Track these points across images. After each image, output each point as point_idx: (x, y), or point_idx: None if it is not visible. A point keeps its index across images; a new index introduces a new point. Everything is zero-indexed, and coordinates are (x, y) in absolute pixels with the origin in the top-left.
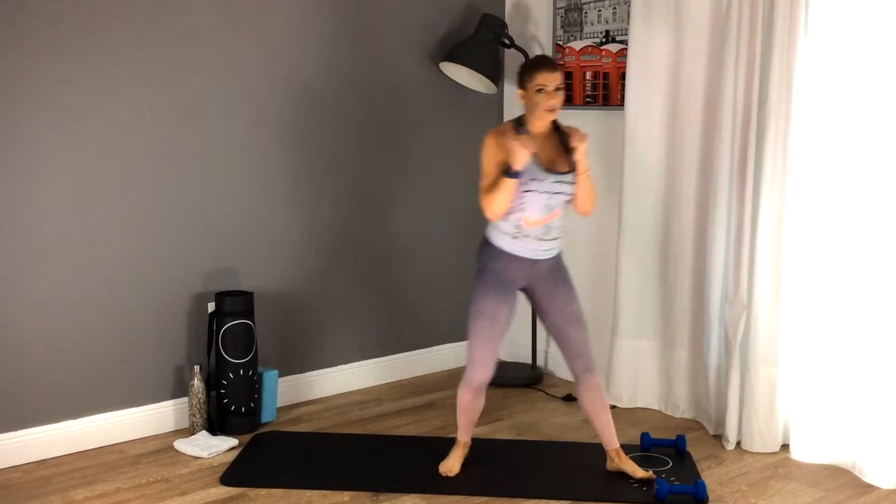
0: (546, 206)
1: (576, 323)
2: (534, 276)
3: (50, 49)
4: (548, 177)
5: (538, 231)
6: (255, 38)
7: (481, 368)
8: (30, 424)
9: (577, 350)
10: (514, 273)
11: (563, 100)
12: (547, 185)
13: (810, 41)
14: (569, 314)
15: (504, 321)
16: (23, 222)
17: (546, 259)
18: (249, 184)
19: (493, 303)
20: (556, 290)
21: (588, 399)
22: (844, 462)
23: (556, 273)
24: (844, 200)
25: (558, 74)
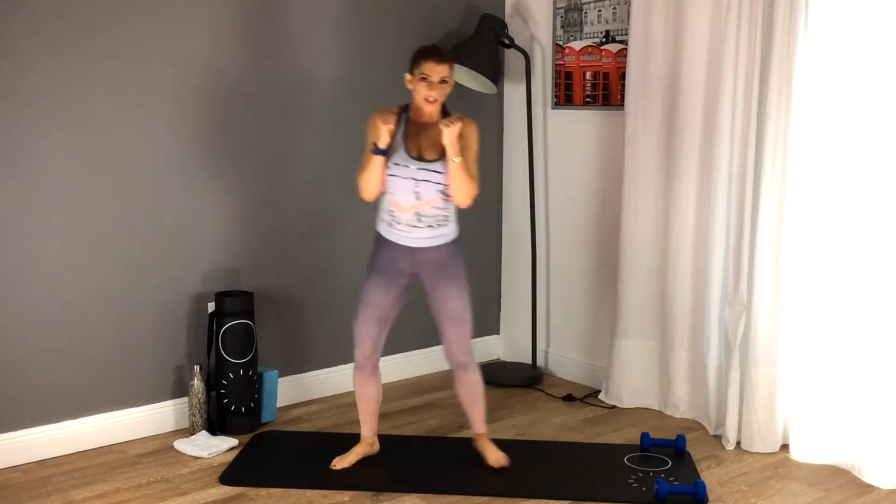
0: (413, 193)
1: (452, 320)
2: (418, 265)
3: (50, 49)
4: (412, 163)
5: (409, 217)
6: (264, 36)
7: (360, 348)
8: (30, 424)
9: (452, 347)
10: (397, 260)
11: (445, 92)
12: (411, 171)
13: (810, 41)
14: (448, 310)
15: (384, 305)
16: (23, 222)
17: (427, 248)
18: (249, 184)
19: (371, 288)
20: (438, 284)
21: (462, 391)
22: (844, 462)
23: (441, 266)
24: (844, 200)
25: (445, 67)
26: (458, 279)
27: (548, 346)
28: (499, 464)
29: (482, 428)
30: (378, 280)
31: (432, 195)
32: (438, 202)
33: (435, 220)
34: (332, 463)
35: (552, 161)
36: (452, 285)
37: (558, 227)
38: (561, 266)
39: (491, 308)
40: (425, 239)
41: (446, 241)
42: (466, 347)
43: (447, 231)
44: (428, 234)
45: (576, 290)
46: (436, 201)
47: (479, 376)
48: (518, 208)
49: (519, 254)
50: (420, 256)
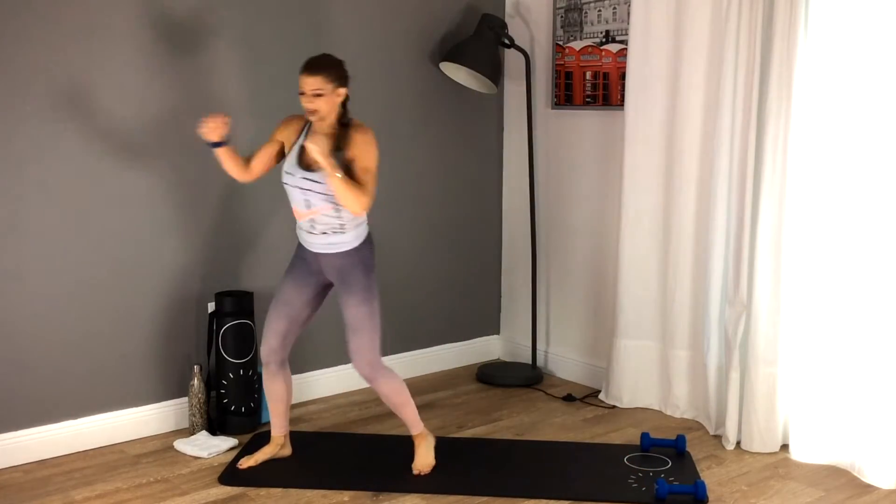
0: (304, 201)
1: (349, 329)
2: (324, 270)
3: (52, 49)
4: (299, 171)
5: (305, 223)
6: (262, 36)
7: (265, 342)
8: (30, 424)
9: (351, 356)
10: (309, 261)
11: (325, 103)
12: (297, 180)
13: (810, 41)
14: (346, 319)
15: (295, 303)
16: (22, 222)
17: (327, 254)
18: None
19: (282, 284)
20: (340, 291)
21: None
22: (844, 462)
23: (341, 273)
24: (844, 201)
25: (315, 78)
26: (357, 287)
27: (548, 346)
28: (417, 470)
29: (417, 429)
30: (291, 278)
31: (320, 204)
32: (328, 210)
33: (329, 227)
34: (239, 462)
35: (552, 161)
36: (349, 294)
37: (558, 227)
38: (561, 266)
39: (491, 308)
40: (322, 245)
41: (344, 248)
42: (366, 358)
43: (345, 239)
44: (323, 241)
45: (576, 290)
46: (325, 209)
47: (391, 385)
48: (518, 208)
49: (519, 254)
50: (323, 262)
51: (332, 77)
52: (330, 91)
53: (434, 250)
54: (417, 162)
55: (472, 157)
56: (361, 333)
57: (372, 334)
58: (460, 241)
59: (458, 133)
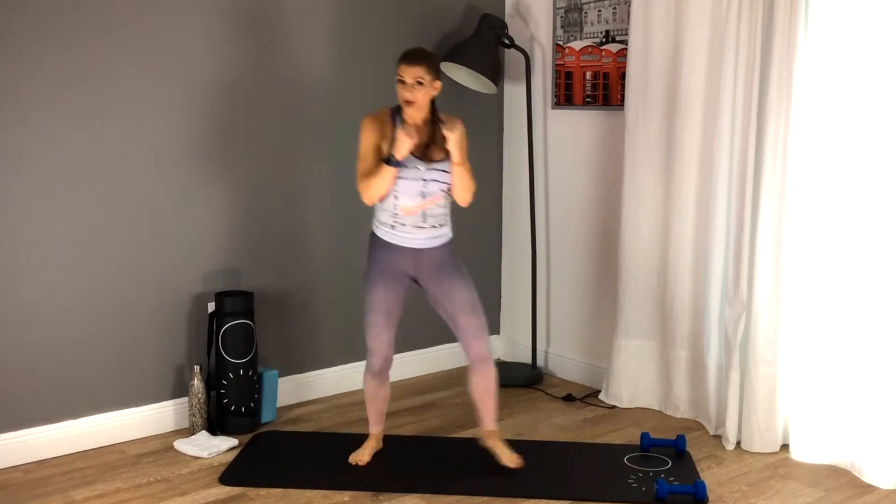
0: (420, 193)
1: (466, 311)
2: (420, 266)
3: (49, 50)
4: (420, 164)
5: (415, 219)
6: (260, 37)
7: (376, 357)
8: (30, 424)
9: (468, 338)
10: (399, 262)
11: (424, 94)
12: (421, 172)
13: (810, 41)
14: (457, 301)
15: (395, 310)
16: (22, 222)
17: (430, 248)
18: (249, 183)
19: (380, 294)
20: (444, 277)
21: (477, 385)
22: (844, 462)
23: (444, 261)
24: (844, 201)
25: (418, 68)
26: (463, 272)
27: (548, 346)
28: (515, 463)
29: (493, 425)
30: (384, 285)
31: (436, 193)
32: (440, 200)
33: (437, 219)
34: (355, 460)
35: (552, 161)
36: (458, 278)
37: (558, 227)
38: (561, 266)
39: (491, 308)
40: (429, 239)
41: (446, 240)
42: (485, 337)
43: (446, 231)
44: (432, 235)
45: (576, 290)
46: (439, 199)
47: (495, 370)
48: (518, 208)
49: (519, 254)
50: (423, 257)
51: (431, 68)
52: (429, 82)
53: None
54: None
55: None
56: (478, 312)
57: (484, 315)
58: (460, 240)
59: None
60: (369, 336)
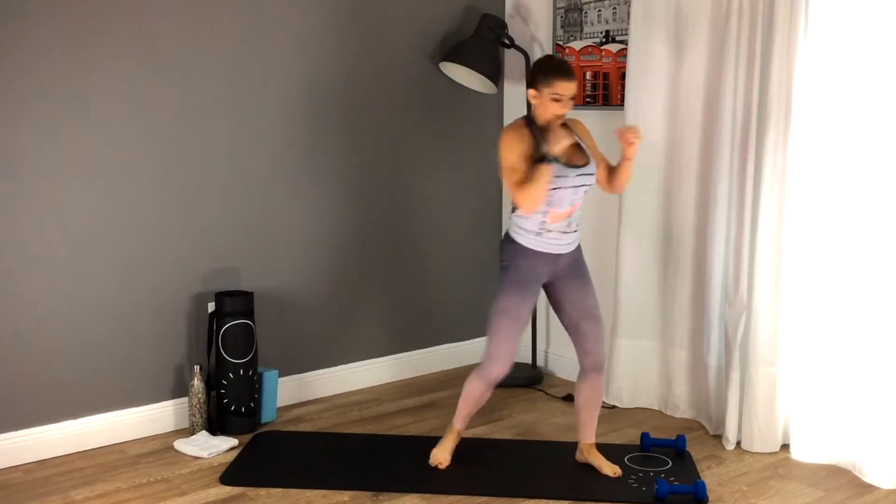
0: (570, 200)
1: (591, 318)
2: (556, 270)
3: (51, 48)
4: (571, 171)
5: (561, 225)
6: (256, 39)
7: (500, 364)
8: (30, 424)
9: (589, 346)
10: (538, 269)
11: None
12: (572, 180)
13: (810, 41)
14: (584, 308)
15: (526, 319)
16: (22, 222)
17: (567, 253)
18: (249, 184)
19: (517, 300)
20: (574, 284)
21: (586, 394)
22: (844, 462)
23: (574, 267)
24: (844, 201)
25: (574, 84)
26: (589, 278)
27: (548, 346)
28: (617, 473)
29: (593, 438)
30: (522, 293)
31: (581, 196)
32: (580, 204)
33: (577, 222)
34: (436, 463)
35: None
36: (588, 284)
37: None
38: None
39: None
40: (570, 243)
41: (579, 243)
42: (603, 346)
43: (579, 234)
44: (573, 238)
45: None
46: (580, 202)
47: (605, 382)
48: None
49: None
50: (561, 262)
51: None
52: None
53: (434, 250)
54: (417, 162)
55: (472, 158)
56: (601, 321)
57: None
58: (460, 240)
59: (458, 133)
60: (497, 341)
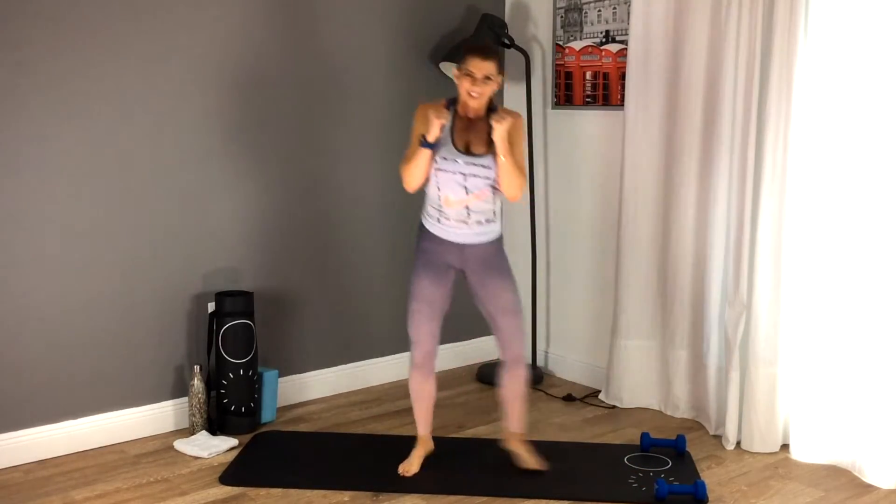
0: (462, 187)
1: (507, 313)
2: (466, 261)
3: (49, 49)
4: (460, 157)
5: (458, 213)
6: (255, 39)
7: (419, 347)
8: (30, 424)
9: (505, 340)
10: (445, 255)
11: (489, 89)
12: (460, 166)
13: (810, 41)
14: (500, 304)
15: (439, 301)
16: (22, 222)
17: (476, 244)
18: (249, 184)
19: (425, 283)
20: (489, 277)
21: (507, 385)
22: (844, 462)
23: (490, 260)
24: (844, 200)
25: (489, 64)
26: (508, 273)
27: (548, 346)
28: (539, 466)
29: (519, 427)
30: (429, 276)
31: (481, 187)
32: (487, 195)
33: (483, 215)
34: (402, 470)
35: (552, 161)
36: (503, 279)
37: (558, 227)
38: (561, 266)
39: None
40: (474, 234)
41: (492, 237)
42: (521, 340)
43: (494, 228)
44: (476, 231)
45: (576, 290)
46: (484, 194)
47: (527, 373)
48: (518, 208)
49: (519, 254)
50: (468, 253)
51: (499, 65)
52: (495, 77)
53: None
54: None
55: None
56: (518, 315)
57: (523, 317)
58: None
59: None
60: (411, 326)
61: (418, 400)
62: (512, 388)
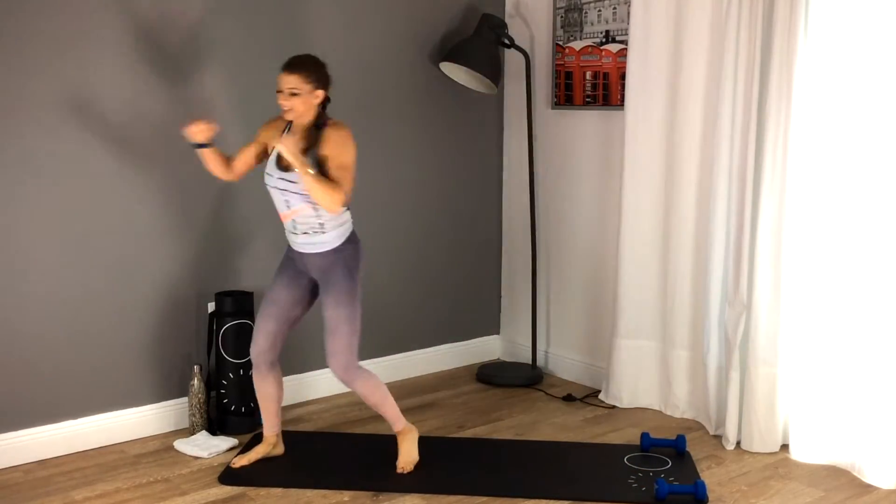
0: (284, 202)
1: (326, 329)
2: (309, 269)
3: (50, 50)
4: (276, 172)
5: (288, 225)
6: (255, 38)
7: (254, 343)
8: (30, 424)
9: (328, 351)
10: (296, 260)
11: (300, 102)
12: (275, 181)
13: (810, 41)
14: (325, 318)
15: (284, 303)
16: (22, 222)
17: (310, 254)
18: (249, 184)
19: (275, 284)
20: (322, 289)
21: None
22: (844, 462)
23: (323, 273)
24: (844, 201)
25: (293, 77)
26: (336, 288)
27: (548, 346)
28: (401, 467)
29: (399, 425)
30: (281, 278)
31: (299, 204)
32: (307, 210)
33: (309, 227)
34: (232, 461)
35: (552, 161)
36: (328, 294)
37: (558, 226)
38: (561, 266)
39: (491, 308)
40: (304, 245)
41: (326, 248)
42: (340, 361)
43: (325, 239)
44: (305, 241)
45: (576, 289)
46: (304, 210)
47: (367, 384)
48: (518, 208)
49: (519, 254)
50: (307, 261)
51: (310, 77)
52: (307, 91)
53: (434, 250)
54: (417, 162)
55: (472, 157)
56: (338, 335)
57: (349, 337)
58: (460, 241)
59: (458, 133)
60: (255, 321)
61: (259, 399)
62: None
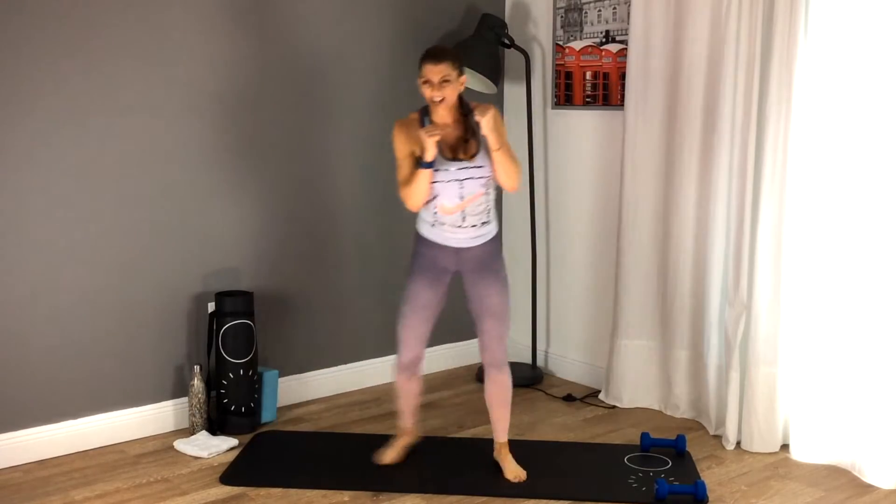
0: (458, 194)
1: (491, 316)
2: (461, 263)
3: (50, 50)
4: (452, 164)
5: (454, 218)
6: (255, 39)
7: (406, 350)
8: (30, 424)
9: (486, 342)
10: (440, 259)
11: (451, 91)
12: (453, 173)
13: (810, 41)
14: (487, 306)
15: (429, 305)
16: (22, 222)
17: (471, 247)
18: (250, 184)
19: (417, 288)
20: (480, 279)
21: (490, 391)
22: (844, 462)
23: (483, 262)
24: (844, 200)
25: (442, 66)
26: (500, 276)
27: (548, 346)
28: (517, 478)
29: (504, 437)
30: (424, 280)
31: (476, 190)
32: (481, 197)
33: (478, 218)
34: (378, 459)
35: (552, 161)
36: (493, 282)
37: (558, 227)
38: (561, 266)
39: None
40: (469, 238)
41: (489, 238)
42: (503, 345)
43: (490, 229)
44: (472, 234)
45: (576, 290)
46: (479, 195)
47: (510, 379)
48: (518, 208)
49: (519, 254)
50: (465, 255)
51: (456, 64)
52: (455, 78)
53: None
54: None
55: None
56: (505, 320)
57: (509, 323)
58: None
59: None
60: (401, 328)
61: (403, 396)
62: (495, 392)
